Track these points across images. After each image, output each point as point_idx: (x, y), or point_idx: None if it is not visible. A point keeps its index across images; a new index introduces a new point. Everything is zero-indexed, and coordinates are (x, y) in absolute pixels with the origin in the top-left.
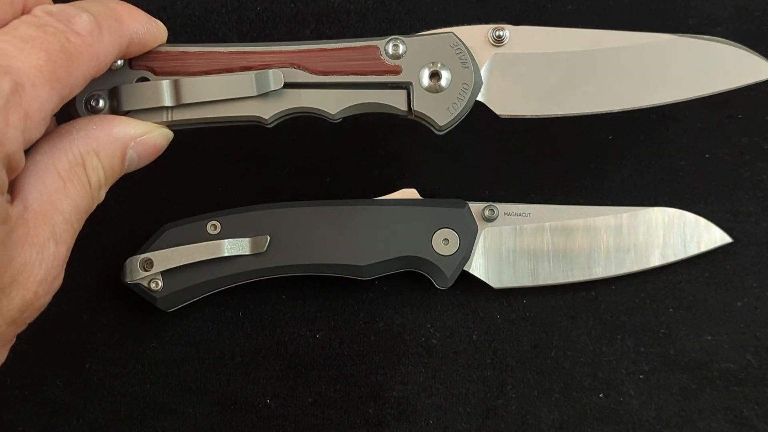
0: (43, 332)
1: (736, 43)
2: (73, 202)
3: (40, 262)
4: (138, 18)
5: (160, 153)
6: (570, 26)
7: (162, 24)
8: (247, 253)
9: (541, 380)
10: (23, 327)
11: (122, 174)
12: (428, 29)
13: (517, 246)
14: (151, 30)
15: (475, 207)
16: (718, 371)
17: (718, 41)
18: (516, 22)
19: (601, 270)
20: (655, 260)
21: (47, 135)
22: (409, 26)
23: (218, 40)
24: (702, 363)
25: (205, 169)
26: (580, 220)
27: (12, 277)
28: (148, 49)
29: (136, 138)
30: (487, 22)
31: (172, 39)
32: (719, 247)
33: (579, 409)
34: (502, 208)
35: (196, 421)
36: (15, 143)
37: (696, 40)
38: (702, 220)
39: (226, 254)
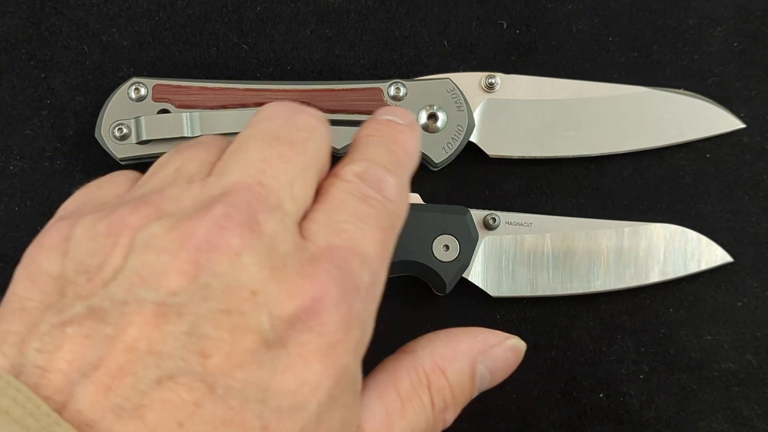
0: None
1: (704, 97)
2: (409, 425)
3: None
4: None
5: (515, 367)
6: (570, 26)
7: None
8: None
9: (541, 380)
10: None
11: (473, 395)
12: (428, 29)
13: (516, 256)
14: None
15: (477, 214)
16: (718, 371)
17: (688, 95)
18: (516, 21)
19: (601, 283)
20: (655, 276)
21: (393, 354)
22: (408, 26)
23: (218, 40)
24: (702, 363)
25: None
26: (582, 232)
27: None
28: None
29: (484, 352)
30: (488, 20)
31: (171, 38)
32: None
33: (579, 409)
34: (503, 216)
35: None
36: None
37: (669, 93)
38: (704, 239)
39: None
